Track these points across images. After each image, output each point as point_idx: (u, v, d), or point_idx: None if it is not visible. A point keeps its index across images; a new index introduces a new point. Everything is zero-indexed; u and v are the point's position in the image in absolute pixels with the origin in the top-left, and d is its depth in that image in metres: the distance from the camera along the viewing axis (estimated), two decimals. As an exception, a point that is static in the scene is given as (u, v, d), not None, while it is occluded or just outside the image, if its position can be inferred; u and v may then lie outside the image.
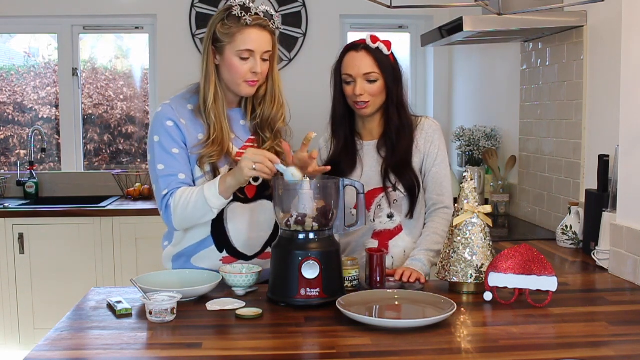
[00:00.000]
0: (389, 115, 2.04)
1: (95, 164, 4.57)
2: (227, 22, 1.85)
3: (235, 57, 1.86)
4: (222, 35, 1.86)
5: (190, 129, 1.91)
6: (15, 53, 4.54)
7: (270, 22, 1.88)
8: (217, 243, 1.96)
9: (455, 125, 4.14)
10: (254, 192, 1.97)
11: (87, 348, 1.47)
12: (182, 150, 1.89)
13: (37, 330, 3.70)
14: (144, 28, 4.42)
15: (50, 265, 3.71)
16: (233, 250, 1.97)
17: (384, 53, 2.00)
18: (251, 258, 1.99)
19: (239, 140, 1.97)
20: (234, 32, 1.84)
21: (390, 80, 2.01)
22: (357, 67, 1.99)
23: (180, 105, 1.94)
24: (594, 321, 1.63)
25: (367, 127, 2.09)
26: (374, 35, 2.01)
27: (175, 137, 1.89)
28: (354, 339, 1.48)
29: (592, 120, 2.62)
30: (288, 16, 4.34)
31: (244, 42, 1.85)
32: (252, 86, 1.91)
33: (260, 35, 1.86)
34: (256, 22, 1.85)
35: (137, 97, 4.60)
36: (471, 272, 1.80)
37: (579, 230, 2.50)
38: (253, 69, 1.87)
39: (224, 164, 1.92)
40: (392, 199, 2.03)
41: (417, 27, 4.51)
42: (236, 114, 2.00)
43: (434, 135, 2.08)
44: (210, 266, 1.96)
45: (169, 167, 1.87)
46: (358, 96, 1.99)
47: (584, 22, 2.62)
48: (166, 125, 1.89)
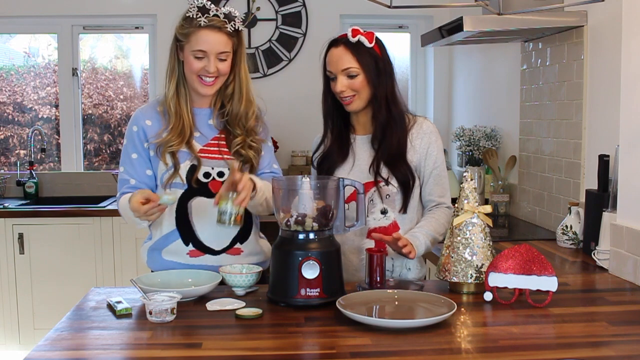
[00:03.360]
0: (376, 109, 2.02)
1: (95, 164, 4.57)
2: (184, 23, 1.94)
3: (190, 56, 1.94)
4: (180, 35, 1.95)
5: (154, 128, 2.02)
6: (15, 53, 4.53)
7: (229, 24, 1.92)
8: (183, 236, 2.02)
9: (455, 125, 4.14)
10: (219, 188, 1.99)
11: (87, 348, 1.47)
12: (140, 156, 2.03)
13: (37, 331, 3.70)
14: (144, 28, 4.42)
15: (50, 265, 3.71)
16: (199, 244, 2.02)
17: (366, 46, 1.97)
18: (219, 253, 2.03)
19: (204, 137, 2.03)
20: (189, 33, 1.92)
21: (373, 74, 1.97)
22: (336, 63, 1.98)
23: (151, 108, 2.06)
24: (594, 321, 1.63)
25: (360, 121, 2.09)
26: (356, 28, 1.98)
27: (136, 143, 2.02)
28: (354, 339, 1.48)
29: (592, 120, 2.62)
30: (288, 16, 4.34)
31: (197, 42, 1.92)
32: (207, 85, 1.97)
33: (214, 36, 1.92)
34: (210, 23, 1.91)
35: (137, 97, 4.60)
36: (471, 272, 1.80)
37: (579, 230, 2.50)
38: (206, 67, 1.93)
39: (185, 160, 1.99)
40: (384, 194, 2.01)
41: (417, 27, 4.51)
42: (204, 113, 2.05)
43: (431, 136, 2.06)
44: (180, 260, 2.02)
45: (125, 172, 2.05)
46: (340, 92, 1.98)
47: (584, 22, 2.62)
48: (132, 131, 2.04)
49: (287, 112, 4.17)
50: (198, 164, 1.99)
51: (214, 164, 2.01)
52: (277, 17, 4.34)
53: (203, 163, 2.00)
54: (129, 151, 2.04)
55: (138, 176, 2.03)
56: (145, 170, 2.03)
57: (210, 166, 2.01)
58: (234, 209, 1.77)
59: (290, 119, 4.17)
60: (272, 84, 4.31)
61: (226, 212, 1.77)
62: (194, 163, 1.99)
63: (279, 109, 3.77)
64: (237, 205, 1.77)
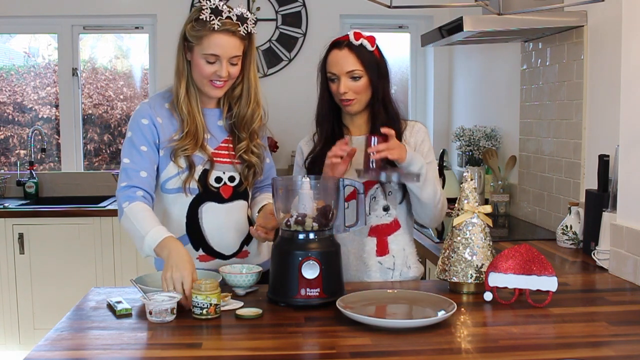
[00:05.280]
0: (375, 111, 2.03)
1: (95, 164, 4.57)
2: (196, 24, 1.87)
3: (201, 59, 1.88)
4: (190, 37, 1.89)
5: (166, 128, 1.95)
6: (15, 53, 4.54)
7: (242, 27, 1.88)
8: (193, 241, 1.99)
9: (455, 125, 4.14)
10: (230, 193, 2.00)
11: (87, 348, 1.47)
12: (150, 149, 1.93)
13: (37, 331, 3.70)
14: (144, 28, 4.42)
15: (50, 265, 3.71)
16: (209, 249, 2.00)
17: (368, 49, 1.99)
18: (228, 257, 2.02)
19: (215, 139, 2.00)
20: (202, 36, 1.86)
21: (375, 77, 1.99)
22: (340, 65, 1.98)
23: (158, 104, 1.99)
24: (594, 321, 1.63)
25: (355, 123, 2.09)
26: (357, 31, 1.99)
27: (147, 135, 1.93)
28: (354, 339, 1.48)
29: (592, 120, 2.62)
30: (288, 16, 4.34)
31: (210, 47, 1.86)
32: (218, 88, 1.93)
33: (227, 40, 1.87)
34: (224, 27, 1.85)
35: (137, 97, 4.60)
36: (471, 272, 1.79)
37: (579, 230, 2.50)
38: (218, 72, 1.89)
39: (199, 162, 1.95)
40: (387, 190, 2.02)
41: (417, 27, 4.51)
42: (214, 114, 2.02)
43: (425, 136, 2.08)
44: None
45: (134, 163, 1.92)
46: (343, 94, 1.99)
47: (584, 22, 2.62)
48: (141, 123, 1.94)
49: (287, 112, 4.16)
50: (211, 167, 1.96)
51: (225, 169, 1.99)
52: (277, 17, 4.34)
53: (215, 167, 1.97)
54: (137, 143, 1.93)
55: (148, 169, 1.92)
56: (154, 165, 1.94)
57: (222, 170, 1.99)
58: (204, 302, 1.60)
59: (290, 119, 4.17)
60: (272, 84, 4.31)
61: (197, 306, 1.61)
62: (205, 167, 1.96)
63: (279, 109, 3.76)
64: (209, 297, 1.60)
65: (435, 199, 1.96)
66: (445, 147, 4.19)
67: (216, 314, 1.61)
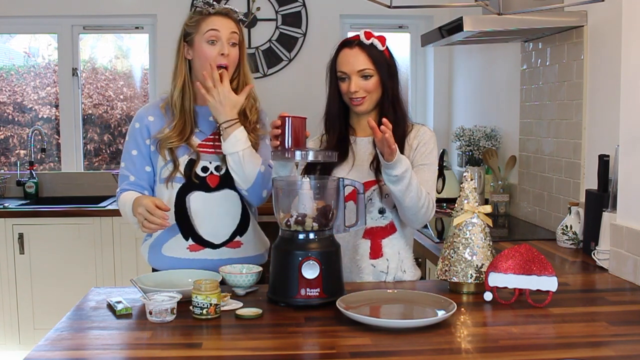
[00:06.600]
0: (385, 110, 2.02)
1: (95, 164, 4.57)
2: (192, 15, 2.05)
3: (204, 43, 2.00)
4: (189, 28, 2.04)
5: (157, 124, 2.08)
6: (15, 53, 4.54)
7: (233, 13, 2.05)
8: (182, 231, 2.06)
9: (455, 125, 4.14)
10: (217, 182, 2.06)
11: (87, 348, 1.47)
12: (139, 152, 2.08)
13: (37, 330, 3.70)
14: (144, 28, 4.42)
15: (50, 265, 3.71)
16: (199, 238, 2.06)
17: (379, 49, 1.99)
18: (219, 246, 2.07)
19: (202, 134, 2.08)
20: (199, 20, 2.02)
21: (385, 76, 2.00)
22: (351, 64, 1.98)
23: (153, 106, 2.13)
24: (594, 321, 1.63)
25: (361, 124, 2.08)
26: (368, 31, 2.00)
27: (137, 139, 2.08)
28: (354, 339, 1.48)
29: (592, 120, 2.62)
30: (288, 16, 4.34)
31: (208, 25, 2.00)
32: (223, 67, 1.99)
33: (223, 21, 2.02)
34: (219, 10, 2.03)
35: (137, 97, 4.60)
36: (471, 272, 1.79)
37: (579, 230, 2.50)
38: (221, 51, 1.99)
39: (183, 154, 2.05)
40: (384, 193, 2.01)
41: (417, 27, 4.51)
42: (206, 111, 2.07)
43: (430, 138, 2.04)
44: (180, 255, 2.06)
45: (125, 168, 2.11)
46: (353, 93, 1.98)
47: (584, 22, 2.62)
48: (133, 127, 2.10)
49: (287, 112, 4.17)
50: (197, 158, 2.05)
51: (211, 158, 2.06)
52: (277, 17, 4.34)
53: (202, 158, 2.05)
54: (129, 147, 2.10)
55: (137, 172, 2.09)
56: (144, 166, 2.09)
57: (208, 160, 2.06)
58: (204, 302, 1.60)
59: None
60: (272, 84, 4.31)
61: (197, 306, 1.61)
62: (192, 157, 2.04)
63: (279, 109, 3.76)
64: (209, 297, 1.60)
65: (419, 204, 1.89)
66: (445, 147, 4.19)
67: (216, 314, 1.62)
